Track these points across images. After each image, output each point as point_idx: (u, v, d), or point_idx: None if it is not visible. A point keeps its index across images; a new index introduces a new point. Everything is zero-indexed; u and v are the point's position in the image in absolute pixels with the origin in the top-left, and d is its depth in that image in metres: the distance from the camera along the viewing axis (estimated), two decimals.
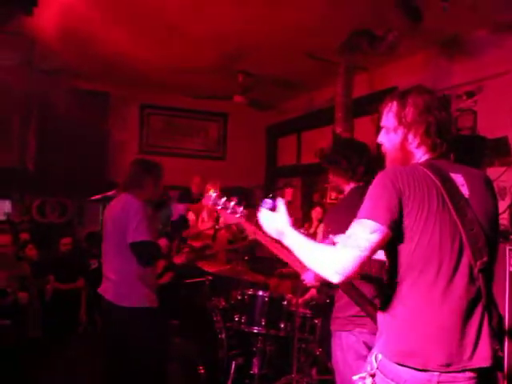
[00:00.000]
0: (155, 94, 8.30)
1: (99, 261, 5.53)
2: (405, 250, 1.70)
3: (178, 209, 3.66)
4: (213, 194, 2.28)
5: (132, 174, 3.49)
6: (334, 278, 1.69)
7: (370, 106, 6.49)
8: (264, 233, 2.07)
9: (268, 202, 2.09)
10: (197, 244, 5.69)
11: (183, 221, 3.61)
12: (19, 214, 7.13)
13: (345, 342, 2.74)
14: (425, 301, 1.67)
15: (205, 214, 5.91)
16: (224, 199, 2.21)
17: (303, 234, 2.06)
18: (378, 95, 6.03)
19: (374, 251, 1.70)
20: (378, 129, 2.00)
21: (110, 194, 4.17)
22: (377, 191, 1.73)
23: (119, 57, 6.40)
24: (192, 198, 6.64)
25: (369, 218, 1.69)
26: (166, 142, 8.69)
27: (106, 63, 6.74)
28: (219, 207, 2.18)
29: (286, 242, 1.94)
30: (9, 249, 5.19)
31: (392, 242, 1.71)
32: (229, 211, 2.16)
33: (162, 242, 3.41)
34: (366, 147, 2.96)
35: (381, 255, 1.96)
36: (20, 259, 5.26)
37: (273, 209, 2.03)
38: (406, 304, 1.70)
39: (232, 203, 2.21)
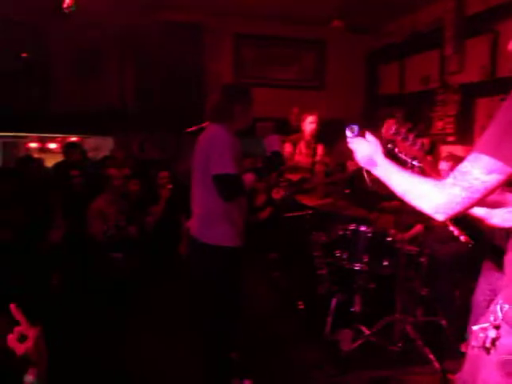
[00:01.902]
0: (249, 22, 8.00)
1: None
2: None
3: (272, 143, 3.28)
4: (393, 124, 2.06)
5: (218, 102, 3.18)
6: (437, 217, 1.53)
7: (485, 24, 5.87)
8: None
9: (354, 128, 1.97)
10: (294, 177, 5.52)
11: (277, 157, 3.28)
12: (122, 151, 7.31)
13: None
14: None
15: (302, 146, 5.69)
16: (405, 130, 2.00)
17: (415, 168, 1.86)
18: (495, 11, 5.37)
19: (489, 193, 1.47)
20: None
21: (204, 125, 4.05)
22: (509, 122, 1.42)
23: None
24: (290, 129, 6.45)
25: (490, 155, 1.42)
26: (260, 72, 8.43)
27: None
28: (400, 137, 1.97)
29: (379, 172, 1.79)
30: (115, 183, 5.26)
31: None
32: (409, 143, 1.96)
33: (248, 178, 3.11)
34: None
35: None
36: (124, 194, 5.37)
37: (358, 135, 1.95)
38: None
39: (412, 135, 2.00)
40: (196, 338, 3.30)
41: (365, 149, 1.87)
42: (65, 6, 5.40)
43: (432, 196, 1.53)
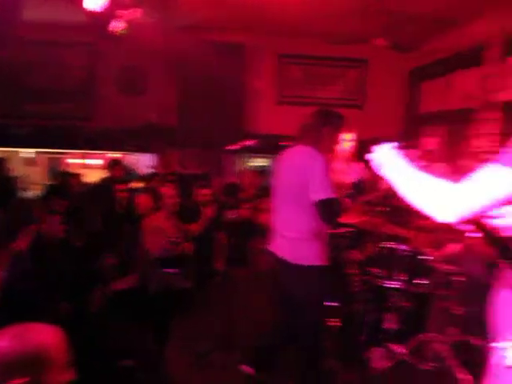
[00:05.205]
0: (292, 42, 8.11)
1: (236, 212, 5.64)
2: None
3: (355, 170, 3.36)
4: None
5: (309, 125, 3.27)
6: (448, 218, 1.56)
7: None
8: None
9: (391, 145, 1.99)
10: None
11: (362, 184, 3.36)
12: (162, 167, 7.52)
13: None
14: None
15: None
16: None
17: None
18: None
19: (502, 203, 1.54)
20: None
21: (247, 144, 4.15)
22: None
23: (255, 7, 6.33)
24: None
25: (509, 166, 1.47)
26: (303, 91, 8.52)
27: (242, 14, 6.69)
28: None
29: (389, 170, 1.85)
30: (168, 201, 5.33)
31: None
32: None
33: (347, 202, 3.19)
34: None
35: None
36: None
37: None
38: None
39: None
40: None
41: (379, 155, 1.95)
42: (116, 29, 5.66)
43: (445, 197, 1.58)
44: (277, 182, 3.28)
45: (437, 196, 1.60)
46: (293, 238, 3.13)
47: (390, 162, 1.86)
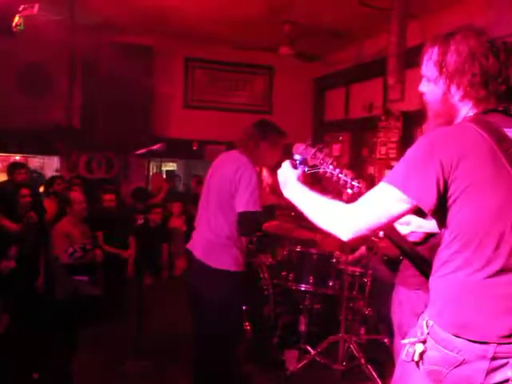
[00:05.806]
0: (200, 47, 8.10)
1: (145, 217, 5.53)
2: (458, 222, 1.53)
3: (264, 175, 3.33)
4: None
5: (248, 135, 3.24)
6: (344, 236, 1.62)
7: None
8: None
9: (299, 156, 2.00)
10: None
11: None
12: (67, 171, 7.21)
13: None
14: (484, 274, 1.50)
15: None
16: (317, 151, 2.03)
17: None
18: None
19: (394, 220, 1.62)
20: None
21: (154, 148, 4.10)
22: (418, 159, 1.54)
23: (163, 9, 6.27)
24: None
25: (398, 187, 1.53)
26: (210, 95, 8.54)
27: (150, 16, 6.60)
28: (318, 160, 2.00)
29: (289, 193, 1.87)
30: (77, 206, 5.09)
31: (441, 212, 1.55)
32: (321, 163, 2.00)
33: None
34: None
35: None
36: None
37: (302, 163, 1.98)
38: (463, 276, 1.53)
39: (322, 154, 2.02)
40: None
41: (281, 175, 1.94)
42: (13, 24, 5.35)
43: (340, 217, 1.64)
44: (208, 183, 3.26)
45: (331, 216, 1.67)
46: (212, 241, 3.11)
47: (288, 182, 1.90)
